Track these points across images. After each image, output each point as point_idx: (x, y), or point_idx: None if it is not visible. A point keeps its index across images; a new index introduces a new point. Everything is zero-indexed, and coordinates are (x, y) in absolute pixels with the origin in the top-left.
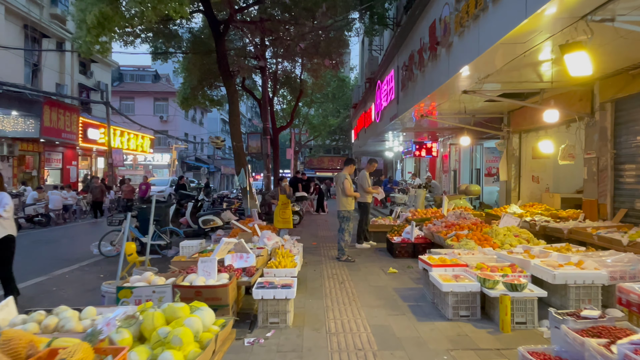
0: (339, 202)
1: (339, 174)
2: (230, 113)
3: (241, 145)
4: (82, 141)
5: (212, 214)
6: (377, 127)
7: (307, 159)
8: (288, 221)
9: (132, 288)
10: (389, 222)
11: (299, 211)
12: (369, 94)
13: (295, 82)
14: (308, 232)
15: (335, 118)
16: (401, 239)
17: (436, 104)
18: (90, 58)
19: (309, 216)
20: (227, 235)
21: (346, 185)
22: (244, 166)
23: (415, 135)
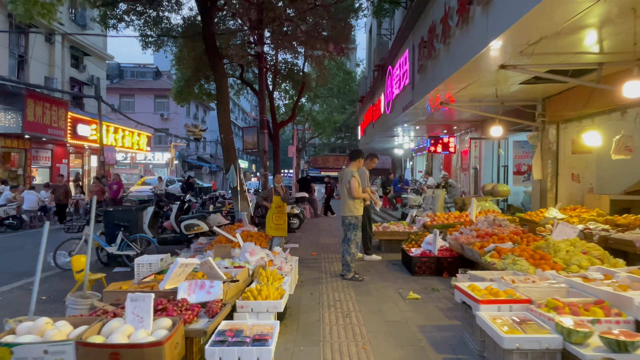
0: (344, 205)
1: (344, 170)
2: (219, 101)
3: (231, 139)
4: (70, 138)
5: (197, 218)
6: (387, 120)
7: (311, 158)
8: (282, 228)
9: (13, 346)
10: (403, 228)
11: (298, 214)
12: (377, 84)
13: (298, 74)
14: (308, 238)
15: (340, 114)
16: (421, 251)
17: (460, 86)
18: (83, 51)
19: (310, 219)
20: (210, 243)
21: (353, 184)
22: (233, 162)
23: (428, 129)
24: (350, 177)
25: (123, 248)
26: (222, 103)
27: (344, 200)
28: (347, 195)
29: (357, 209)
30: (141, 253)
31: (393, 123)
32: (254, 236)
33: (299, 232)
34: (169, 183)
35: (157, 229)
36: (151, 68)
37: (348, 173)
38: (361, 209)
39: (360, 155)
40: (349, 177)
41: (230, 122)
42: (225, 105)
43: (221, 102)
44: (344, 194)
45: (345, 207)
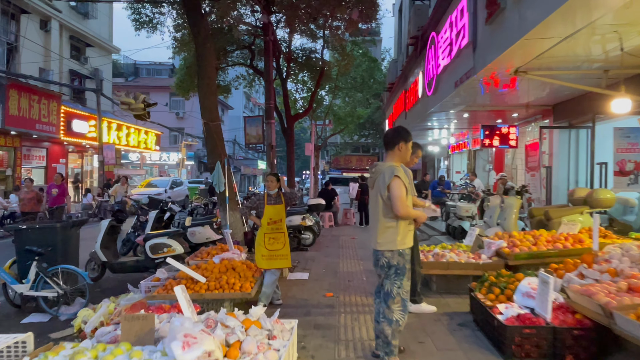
0: (377, 229)
1: (377, 167)
2: (200, 74)
3: (218, 127)
4: (64, 134)
5: (168, 235)
6: (426, 105)
7: (332, 158)
8: (281, 256)
9: None
10: (467, 257)
11: (312, 226)
12: (412, 63)
13: (316, 63)
14: (323, 262)
15: (364, 109)
16: (516, 311)
17: (554, 40)
18: (85, 41)
19: (329, 229)
20: (172, 277)
21: (396, 192)
22: (220, 158)
23: (472, 119)
24: (391, 179)
25: (39, 286)
26: (204, 77)
27: (376, 219)
28: (383, 211)
29: (403, 238)
30: (63, 295)
31: (436, 107)
32: (237, 268)
33: (312, 250)
34: (175, 185)
35: (115, 250)
36: (167, 65)
37: (386, 171)
38: (410, 236)
39: (406, 138)
40: (387, 178)
41: (216, 105)
42: (210, 80)
43: (204, 76)
44: (377, 209)
45: (381, 233)
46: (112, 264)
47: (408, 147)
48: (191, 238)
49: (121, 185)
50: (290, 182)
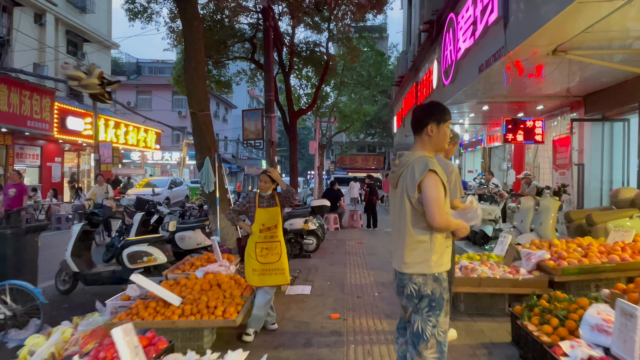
0: (402, 242)
1: (403, 157)
2: (187, 57)
3: (207, 117)
4: (58, 132)
5: (149, 242)
6: (442, 95)
7: (337, 157)
8: (276, 270)
9: None
10: (501, 270)
11: (316, 230)
12: (425, 52)
13: (321, 57)
14: (327, 271)
15: (371, 105)
16: (588, 355)
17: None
18: (82, 36)
19: (334, 232)
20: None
21: (432, 193)
22: (210, 153)
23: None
24: (423, 175)
25: None
26: (191, 61)
27: (401, 230)
28: (412, 219)
29: (439, 257)
30: (12, 316)
31: (454, 98)
32: (223, 285)
33: (315, 257)
34: (174, 185)
35: (89, 259)
36: (170, 63)
37: (416, 164)
38: (449, 254)
39: (439, 117)
40: (417, 173)
41: (206, 93)
42: (198, 64)
43: (191, 59)
44: (403, 217)
45: (409, 250)
46: (84, 274)
47: (442, 130)
48: (180, 244)
49: (99, 186)
50: (292, 182)
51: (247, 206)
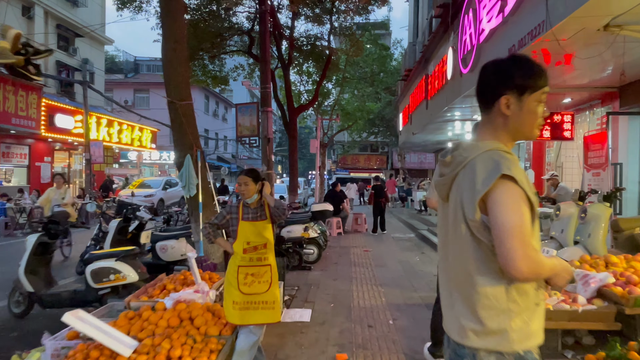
0: (461, 292)
1: (460, 150)
2: (164, 35)
3: (188, 107)
4: (45, 130)
5: (117, 256)
6: (460, 86)
7: (339, 157)
8: (263, 304)
9: None
10: (556, 299)
11: (317, 239)
12: (436, 42)
13: (322, 51)
14: (331, 288)
15: (374, 103)
16: None
17: None
18: (73, 31)
19: (336, 238)
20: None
21: (510, 216)
22: (190, 150)
23: None
24: (492, 182)
25: None
26: (170, 40)
27: (459, 276)
28: (475, 257)
29: (525, 324)
30: None
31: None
32: (197, 321)
33: (316, 268)
34: (169, 185)
35: (48, 276)
36: None
37: (480, 163)
38: (540, 319)
39: (524, 82)
40: (481, 181)
41: (187, 79)
42: (177, 45)
43: (169, 38)
44: (462, 253)
45: (474, 309)
46: (41, 295)
47: (530, 105)
48: (162, 255)
49: (56, 189)
50: (292, 182)
51: (227, 218)
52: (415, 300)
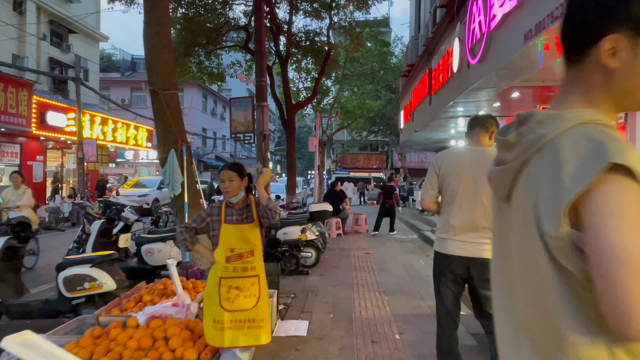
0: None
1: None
2: (146, 19)
3: (172, 97)
4: (36, 128)
5: (93, 262)
6: (468, 79)
7: (339, 156)
8: (251, 322)
9: None
10: None
11: (315, 241)
12: (441, 33)
13: (321, 47)
14: (330, 296)
15: (374, 101)
16: None
17: None
18: (67, 27)
19: (336, 239)
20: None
21: (618, 235)
22: (175, 145)
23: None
24: (593, 176)
25: None
26: (152, 23)
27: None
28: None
29: None
30: None
31: (483, 81)
32: (172, 342)
33: (314, 273)
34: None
35: (18, 284)
36: None
37: (569, 143)
38: None
39: None
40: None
41: (171, 65)
42: (161, 29)
43: (152, 21)
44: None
45: None
46: (8, 305)
47: None
48: (148, 259)
49: (13, 190)
50: (291, 182)
51: (207, 221)
52: (422, 309)
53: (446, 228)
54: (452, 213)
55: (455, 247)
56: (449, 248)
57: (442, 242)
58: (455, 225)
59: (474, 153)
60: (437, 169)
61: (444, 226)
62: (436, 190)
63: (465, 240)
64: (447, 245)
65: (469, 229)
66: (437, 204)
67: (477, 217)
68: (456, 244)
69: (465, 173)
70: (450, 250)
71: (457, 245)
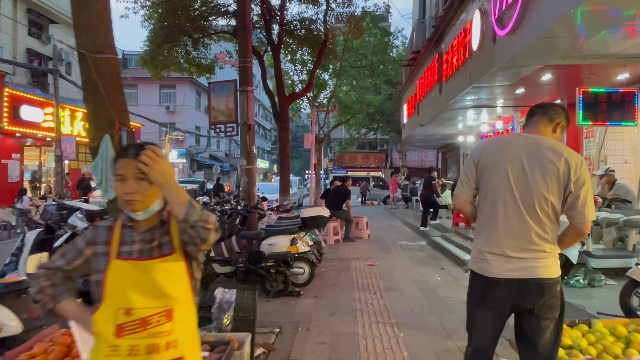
0: None
1: None
2: None
3: (108, 64)
4: (8, 123)
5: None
6: (493, 57)
7: (337, 155)
8: None
9: None
10: None
11: (307, 254)
12: (454, 10)
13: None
14: (327, 333)
15: (374, 95)
16: None
17: None
18: (47, 17)
19: (334, 245)
20: None
21: None
22: (111, 129)
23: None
24: None
25: None
26: None
27: None
28: None
29: None
30: None
31: (516, 57)
32: None
33: (307, 294)
34: None
35: None
36: None
37: None
38: None
39: None
40: None
41: (107, 19)
42: None
43: None
44: None
45: None
46: None
47: None
48: None
49: None
50: (283, 181)
51: (86, 255)
52: (453, 353)
53: (485, 239)
54: (492, 218)
55: (499, 266)
56: (490, 269)
57: (481, 260)
58: (497, 235)
59: (527, 140)
60: (475, 159)
61: (482, 236)
62: (473, 185)
63: (511, 256)
64: (487, 264)
65: (517, 241)
66: (472, 204)
67: (527, 223)
68: (500, 262)
69: (513, 165)
70: (494, 272)
71: (502, 264)
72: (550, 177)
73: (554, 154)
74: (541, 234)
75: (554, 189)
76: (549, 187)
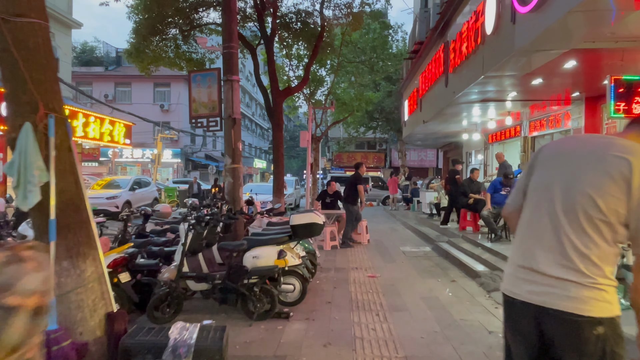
0: None
1: None
2: None
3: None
4: None
5: None
6: (512, 40)
7: (334, 155)
8: None
9: None
10: None
11: (298, 268)
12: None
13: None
14: None
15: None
16: None
17: None
18: None
19: (331, 252)
20: None
21: None
22: (31, 115)
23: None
24: None
25: None
26: None
27: None
28: None
29: None
30: None
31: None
32: None
33: (297, 315)
34: (137, 186)
35: None
36: None
37: None
38: None
39: None
40: None
41: None
42: None
43: None
44: None
45: None
46: None
47: None
48: None
49: None
50: (277, 181)
51: None
52: None
53: (514, 249)
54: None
55: (520, 285)
56: (510, 286)
57: (506, 275)
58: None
59: (596, 139)
60: (531, 161)
61: (513, 246)
62: (523, 193)
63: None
64: (508, 279)
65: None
66: (518, 214)
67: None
68: (525, 278)
69: (562, 169)
70: (514, 291)
71: (524, 283)
72: (607, 179)
73: (622, 152)
74: (582, 250)
75: (609, 196)
76: (601, 191)
